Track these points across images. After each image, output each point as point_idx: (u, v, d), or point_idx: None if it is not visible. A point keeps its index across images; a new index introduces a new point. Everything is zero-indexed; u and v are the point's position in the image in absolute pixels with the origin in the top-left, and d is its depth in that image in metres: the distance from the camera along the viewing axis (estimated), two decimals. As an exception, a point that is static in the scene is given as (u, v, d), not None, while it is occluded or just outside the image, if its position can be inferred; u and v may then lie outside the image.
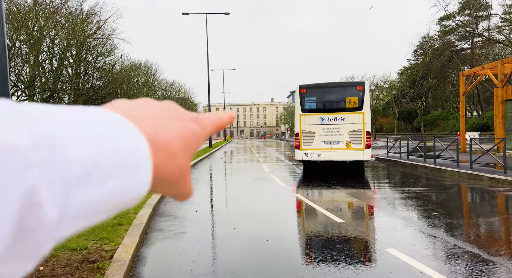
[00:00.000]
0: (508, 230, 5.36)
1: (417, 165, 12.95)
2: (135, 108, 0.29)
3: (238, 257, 4.31)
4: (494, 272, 3.69)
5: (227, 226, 5.74)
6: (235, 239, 5.06)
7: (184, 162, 0.29)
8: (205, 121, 0.33)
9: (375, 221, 6.02)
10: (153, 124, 0.28)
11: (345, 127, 12.02)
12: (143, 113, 0.28)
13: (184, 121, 0.31)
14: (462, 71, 19.47)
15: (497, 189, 8.41)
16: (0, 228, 0.18)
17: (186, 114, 0.32)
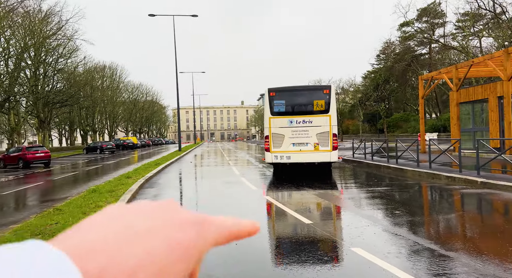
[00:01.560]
0: (464, 226, 5.71)
1: (381, 165, 13.46)
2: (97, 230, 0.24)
3: (206, 263, 4.30)
4: (450, 266, 3.92)
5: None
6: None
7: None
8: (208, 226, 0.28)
9: (341, 221, 6.20)
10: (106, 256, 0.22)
11: (313, 129, 12.28)
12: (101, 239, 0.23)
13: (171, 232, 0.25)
14: (421, 75, 20.50)
15: (453, 187, 8.92)
16: None
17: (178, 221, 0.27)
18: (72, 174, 16.68)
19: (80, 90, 37.89)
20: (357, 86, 55.21)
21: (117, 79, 56.65)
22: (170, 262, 0.24)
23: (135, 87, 67.98)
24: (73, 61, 37.32)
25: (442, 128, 36.39)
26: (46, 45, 32.03)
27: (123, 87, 61.68)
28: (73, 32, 35.22)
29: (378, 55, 54.75)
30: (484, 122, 17.52)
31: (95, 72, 49.36)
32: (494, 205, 7.03)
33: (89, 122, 49.44)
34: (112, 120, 56.75)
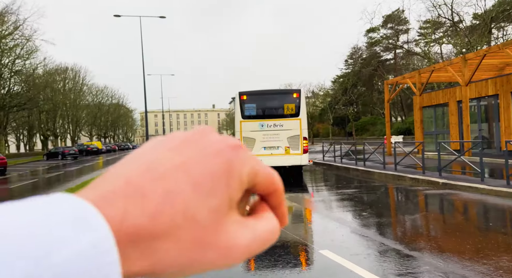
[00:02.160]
0: (427, 226, 5.96)
1: (350, 168, 13.80)
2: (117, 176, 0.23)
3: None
4: (414, 266, 4.08)
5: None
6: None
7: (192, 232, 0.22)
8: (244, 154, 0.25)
9: (312, 223, 6.30)
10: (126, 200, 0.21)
11: (283, 133, 12.40)
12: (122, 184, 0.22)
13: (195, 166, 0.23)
14: (387, 80, 21.28)
15: (417, 188, 9.29)
16: None
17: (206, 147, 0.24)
18: (30, 182, 15.88)
19: (39, 93, 36.22)
20: (326, 90, 56.51)
21: (80, 81, 54.62)
22: (199, 198, 0.22)
23: (100, 90, 65.76)
24: (32, 62, 35.71)
25: (407, 131, 37.86)
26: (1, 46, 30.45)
27: (87, 90, 59.55)
28: (32, 32, 33.71)
29: (346, 60, 56.32)
30: (445, 126, 18.42)
31: (56, 74, 47.31)
32: (454, 205, 7.39)
33: (50, 127, 47.32)
34: (74, 124, 54.59)
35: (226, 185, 0.23)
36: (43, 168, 24.21)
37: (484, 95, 15.77)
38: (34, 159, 36.71)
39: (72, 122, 53.70)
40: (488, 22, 31.02)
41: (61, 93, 47.84)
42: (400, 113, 51.79)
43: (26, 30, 33.12)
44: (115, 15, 28.32)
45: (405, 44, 45.08)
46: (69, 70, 51.81)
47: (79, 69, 54.65)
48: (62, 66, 50.17)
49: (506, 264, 3.93)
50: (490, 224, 5.87)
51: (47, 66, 42.42)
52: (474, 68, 14.00)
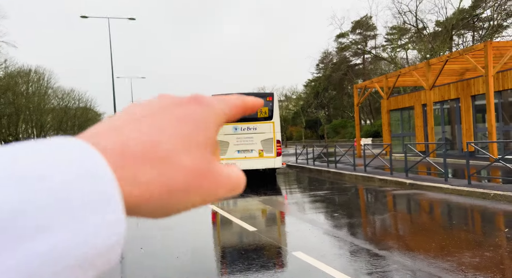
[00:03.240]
0: (395, 226, 6.17)
1: (322, 170, 14.06)
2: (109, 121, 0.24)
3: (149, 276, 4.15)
4: (383, 264, 4.21)
5: (134, 247, 5.47)
6: (144, 259, 4.85)
7: (192, 160, 0.23)
8: (209, 98, 0.27)
9: (285, 226, 6.36)
10: (122, 134, 0.22)
11: (257, 136, 12.47)
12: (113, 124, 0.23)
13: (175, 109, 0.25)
14: (356, 84, 21.89)
15: (386, 188, 9.60)
16: None
17: (178, 101, 0.26)
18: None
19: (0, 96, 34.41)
20: (299, 94, 57.33)
21: (44, 84, 52.22)
22: (187, 132, 0.24)
23: (66, 93, 63.14)
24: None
25: (375, 134, 39.05)
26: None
27: (52, 93, 57.00)
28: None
29: (318, 65, 57.42)
30: (411, 128, 19.16)
31: (18, 76, 45.06)
32: (420, 205, 7.70)
33: (12, 132, 44.99)
34: (39, 129, 52.19)
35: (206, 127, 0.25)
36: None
37: (447, 99, 16.57)
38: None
39: (36, 127, 51.29)
40: (450, 29, 32.69)
41: (24, 97, 45.60)
42: (369, 116, 53.34)
43: (-16, 32, 31.42)
44: (82, 16, 27.47)
45: (373, 49, 46.62)
46: (32, 73, 49.49)
47: (43, 71, 52.32)
48: (25, 69, 47.89)
49: (468, 260, 4.14)
50: (453, 222, 6.16)
51: (8, 69, 40.42)
52: (437, 73, 14.69)
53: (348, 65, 50.75)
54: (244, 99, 0.30)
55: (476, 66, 12.72)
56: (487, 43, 12.21)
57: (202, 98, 0.26)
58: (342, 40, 49.33)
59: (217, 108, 0.27)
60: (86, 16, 27.56)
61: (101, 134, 0.22)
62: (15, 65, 44.23)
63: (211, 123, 0.26)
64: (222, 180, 0.25)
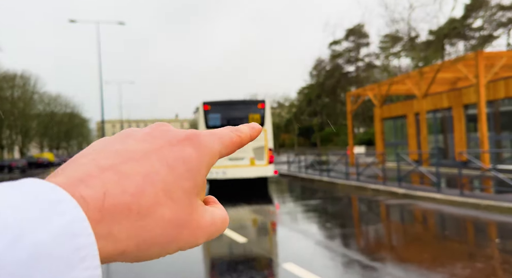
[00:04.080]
0: (388, 236, 6.10)
1: (314, 179, 13.99)
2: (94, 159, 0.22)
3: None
4: (375, 276, 4.13)
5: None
6: (130, 270, 4.71)
7: (174, 211, 0.23)
8: (205, 137, 0.26)
9: (276, 237, 6.26)
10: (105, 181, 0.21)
11: (249, 144, 12.35)
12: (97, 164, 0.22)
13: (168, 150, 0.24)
14: (349, 92, 21.98)
15: (378, 198, 9.55)
16: None
17: (171, 139, 0.25)
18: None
19: (-18, 101, 33.69)
20: (292, 101, 57.48)
21: (30, 89, 51.34)
22: (175, 180, 0.23)
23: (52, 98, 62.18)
24: (-26, 68, 33.26)
25: (369, 142, 39.21)
26: None
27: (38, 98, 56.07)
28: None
29: (311, 72, 57.72)
30: (404, 137, 19.23)
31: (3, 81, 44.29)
32: (413, 215, 7.65)
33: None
34: (23, 135, 51.23)
35: (197, 171, 0.24)
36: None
37: (439, 108, 16.68)
38: (-25, 172, 34.06)
39: (21, 133, 50.38)
40: (442, 38, 33.13)
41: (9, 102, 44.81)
42: (362, 124, 53.62)
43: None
44: (70, 21, 27.30)
45: (366, 57, 47.07)
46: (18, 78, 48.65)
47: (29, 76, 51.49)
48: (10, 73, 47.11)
49: (460, 272, 4.08)
50: (446, 233, 6.11)
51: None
52: (430, 82, 14.80)
53: (341, 73, 51.11)
54: (241, 134, 0.29)
55: (468, 75, 12.83)
56: (478, 53, 12.34)
57: (196, 139, 0.25)
58: (335, 47, 49.77)
59: (212, 150, 0.26)
60: (75, 21, 27.40)
61: (84, 179, 0.21)
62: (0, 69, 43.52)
63: (203, 167, 0.25)
64: (204, 228, 0.25)
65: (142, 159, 0.23)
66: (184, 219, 0.23)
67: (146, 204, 0.21)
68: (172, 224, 0.23)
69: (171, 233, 0.23)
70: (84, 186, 0.20)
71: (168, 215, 0.22)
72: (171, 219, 0.22)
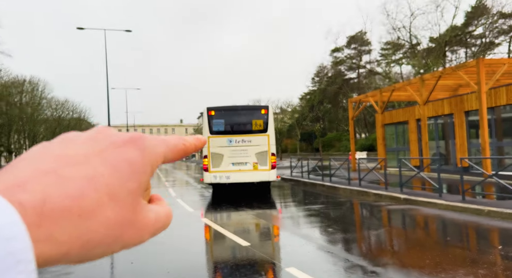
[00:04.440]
0: (390, 241, 6.12)
1: (316, 184, 14.02)
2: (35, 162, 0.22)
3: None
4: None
5: (124, 260, 5.36)
6: (134, 273, 4.75)
7: (117, 211, 0.23)
8: (149, 140, 0.26)
9: (279, 241, 6.28)
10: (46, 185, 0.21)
11: (252, 149, 12.43)
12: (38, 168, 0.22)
13: (111, 152, 0.24)
14: (351, 98, 22.05)
15: (380, 203, 9.57)
16: None
17: (115, 142, 0.25)
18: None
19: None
20: (294, 107, 57.61)
21: (38, 94, 51.95)
22: (119, 181, 0.23)
23: (60, 103, 62.86)
24: (-16, 74, 33.70)
25: (370, 148, 39.20)
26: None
27: (46, 103, 56.72)
28: (-16, 42, 31.88)
29: (313, 78, 57.95)
30: (406, 142, 19.26)
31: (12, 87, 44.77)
32: (415, 220, 7.67)
33: (4, 142, 44.40)
34: (31, 140, 51.65)
35: (142, 172, 0.25)
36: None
37: (440, 114, 16.73)
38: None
39: (28, 138, 50.79)
40: (443, 46, 33.27)
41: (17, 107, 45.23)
42: (364, 130, 53.64)
43: (-23, 40, 31.41)
44: (78, 28, 27.65)
45: (367, 64, 47.25)
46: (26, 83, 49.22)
47: (37, 82, 52.11)
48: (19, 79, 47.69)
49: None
50: (447, 239, 6.13)
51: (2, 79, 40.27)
52: (431, 88, 14.86)
53: (343, 79, 51.29)
54: (186, 142, 0.29)
55: (469, 82, 12.89)
56: (479, 60, 12.41)
57: (141, 141, 0.26)
58: (337, 54, 50.00)
59: (156, 152, 0.26)
60: (83, 28, 27.74)
61: (22, 184, 0.20)
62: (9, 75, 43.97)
63: (147, 168, 0.25)
64: (148, 225, 0.25)
65: (84, 162, 0.23)
66: (128, 218, 0.23)
67: (88, 206, 0.21)
68: (116, 224, 0.23)
69: (115, 233, 0.23)
70: (21, 190, 0.20)
71: (112, 216, 0.23)
72: (115, 220, 0.23)
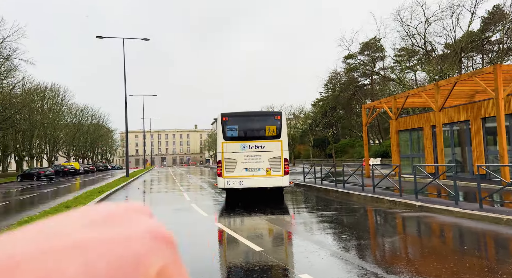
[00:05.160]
0: (405, 249, 6.04)
1: (330, 190, 13.93)
2: None
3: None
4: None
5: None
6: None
7: None
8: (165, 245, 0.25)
9: (292, 247, 6.27)
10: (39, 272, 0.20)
11: (265, 154, 12.47)
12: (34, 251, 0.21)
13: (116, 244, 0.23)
14: (364, 104, 21.90)
15: (395, 210, 9.45)
16: None
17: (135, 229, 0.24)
18: (2, 204, 15.18)
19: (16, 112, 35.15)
20: (307, 113, 57.48)
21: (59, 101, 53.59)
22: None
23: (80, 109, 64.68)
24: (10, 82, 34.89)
25: (384, 154, 38.72)
26: (-22, 65, 29.79)
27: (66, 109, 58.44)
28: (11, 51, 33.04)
29: (326, 84, 57.78)
30: (421, 149, 18.98)
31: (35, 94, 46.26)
32: (430, 228, 7.55)
33: (26, 147, 45.66)
34: (52, 144, 53.03)
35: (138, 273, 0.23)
36: (16, 190, 23.20)
37: (456, 120, 16.47)
38: (6, 180, 35.11)
39: (49, 143, 52.14)
40: (459, 52, 32.80)
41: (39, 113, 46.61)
42: (377, 136, 53.07)
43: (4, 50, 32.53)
44: (97, 37, 28.41)
45: (381, 70, 46.86)
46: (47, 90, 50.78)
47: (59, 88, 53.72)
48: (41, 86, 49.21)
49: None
50: (464, 247, 6.01)
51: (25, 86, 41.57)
52: (447, 95, 14.66)
53: (356, 86, 50.98)
54: None
55: (486, 88, 12.68)
56: (496, 66, 12.21)
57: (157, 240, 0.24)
58: (350, 61, 49.77)
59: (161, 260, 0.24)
60: (102, 37, 28.48)
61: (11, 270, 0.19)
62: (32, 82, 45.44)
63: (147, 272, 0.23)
64: None
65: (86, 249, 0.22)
66: None
67: None
68: None
69: None
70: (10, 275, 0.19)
71: None
72: None
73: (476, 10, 32.14)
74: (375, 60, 48.15)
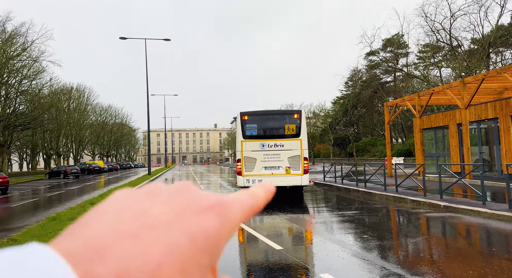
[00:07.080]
0: (429, 250, 5.88)
1: (350, 189, 13.73)
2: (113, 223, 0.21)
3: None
4: (416, 290, 4.01)
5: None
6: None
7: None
8: (230, 207, 0.25)
9: (312, 246, 6.22)
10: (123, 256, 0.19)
11: (284, 153, 12.42)
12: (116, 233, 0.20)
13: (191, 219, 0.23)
14: (386, 102, 21.45)
15: (419, 210, 9.22)
16: None
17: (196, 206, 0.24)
18: (31, 201, 15.79)
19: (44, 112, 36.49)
20: (327, 111, 56.82)
21: (84, 101, 55.40)
22: (194, 255, 0.22)
23: (104, 109, 66.55)
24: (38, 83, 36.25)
25: (407, 153, 37.83)
26: (9, 66, 31.00)
27: (91, 109, 60.28)
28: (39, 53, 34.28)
29: (347, 82, 56.96)
30: (446, 148, 18.43)
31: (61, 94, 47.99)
32: (456, 229, 7.32)
33: (53, 146, 47.37)
34: (78, 143, 54.82)
35: (216, 246, 0.23)
36: (44, 187, 24.10)
37: (484, 118, 15.88)
38: (36, 178, 36.58)
39: (75, 142, 53.93)
40: (486, 47, 31.59)
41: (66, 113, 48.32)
42: (400, 135, 51.89)
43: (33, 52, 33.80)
44: (120, 38, 29.08)
45: (404, 67, 45.70)
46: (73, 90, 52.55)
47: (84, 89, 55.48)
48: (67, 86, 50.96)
49: (510, 291, 3.87)
50: (493, 249, 5.79)
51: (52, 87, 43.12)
52: (473, 92, 14.16)
53: (379, 83, 49.95)
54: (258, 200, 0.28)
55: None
56: (527, 61, 11.68)
57: (221, 207, 0.24)
58: (372, 58, 48.84)
59: (235, 222, 0.25)
60: (125, 38, 29.14)
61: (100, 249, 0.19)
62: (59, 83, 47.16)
63: (223, 241, 0.24)
64: None
65: (166, 225, 0.22)
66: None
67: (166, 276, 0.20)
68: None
69: None
70: (98, 259, 0.19)
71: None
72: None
73: (506, 3, 30.80)
74: (398, 56, 47.05)
